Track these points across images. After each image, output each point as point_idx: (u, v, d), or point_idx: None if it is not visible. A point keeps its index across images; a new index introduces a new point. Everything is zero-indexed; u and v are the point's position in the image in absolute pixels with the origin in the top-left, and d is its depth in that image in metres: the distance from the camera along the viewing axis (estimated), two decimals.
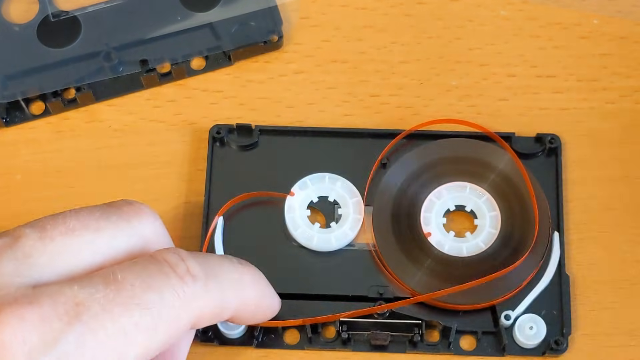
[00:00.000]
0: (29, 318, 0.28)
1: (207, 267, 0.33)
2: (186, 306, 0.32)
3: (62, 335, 0.28)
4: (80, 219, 0.32)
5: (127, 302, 0.30)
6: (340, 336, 0.40)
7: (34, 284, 0.30)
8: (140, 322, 0.30)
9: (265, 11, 0.46)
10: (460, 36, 0.47)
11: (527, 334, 0.39)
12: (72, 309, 0.29)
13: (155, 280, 0.31)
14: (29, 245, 0.30)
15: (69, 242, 0.31)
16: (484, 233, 0.41)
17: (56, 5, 0.46)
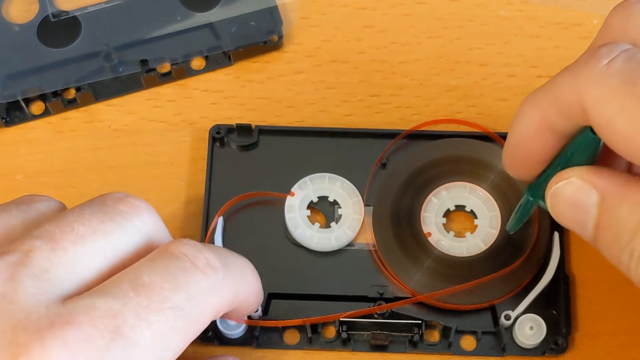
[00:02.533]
0: (72, 340, 0.28)
1: (221, 258, 0.33)
2: (210, 299, 0.31)
3: (107, 353, 0.28)
4: (86, 224, 0.31)
5: (160, 307, 0.30)
6: (340, 336, 0.40)
7: (61, 299, 0.29)
8: (174, 324, 0.30)
9: (265, 11, 0.46)
10: (460, 36, 0.47)
11: (527, 334, 0.39)
12: (111, 323, 0.28)
13: (181, 279, 0.31)
14: (43, 258, 0.30)
15: (80, 250, 0.30)
16: (484, 233, 0.41)
17: (56, 5, 0.46)
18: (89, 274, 0.30)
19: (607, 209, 0.30)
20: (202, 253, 0.32)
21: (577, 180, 0.31)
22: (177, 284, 0.30)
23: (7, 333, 0.27)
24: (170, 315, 0.30)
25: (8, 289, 0.28)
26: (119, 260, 0.31)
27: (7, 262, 0.29)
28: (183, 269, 0.31)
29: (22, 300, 0.28)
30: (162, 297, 0.30)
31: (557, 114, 0.31)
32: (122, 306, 0.29)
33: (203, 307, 0.31)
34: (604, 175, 0.31)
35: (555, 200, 0.32)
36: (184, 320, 0.30)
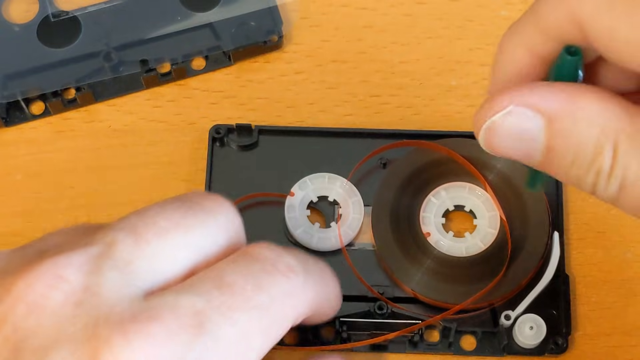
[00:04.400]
0: (156, 334, 0.27)
1: (302, 261, 0.32)
2: (292, 302, 0.31)
3: (191, 348, 0.27)
4: (169, 217, 0.30)
5: (243, 306, 0.29)
6: (340, 336, 0.40)
7: (143, 294, 0.28)
8: (258, 324, 0.29)
9: (265, 11, 0.46)
10: (460, 36, 0.47)
11: (527, 334, 0.39)
12: (194, 320, 0.28)
13: (263, 280, 0.30)
14: (126, 251, 0.29)
15: (163, 244, 0.29)
16: (483, 233, 0.41)
17: (56, 5, 0.46)
18: (171, 269, 0.29)
19: (559, 130, 0.27)
20: (283, 257, 0.31)
21: (516, 107, 0.28)
22: (260, 285, 0.30)
23: (89, 326, 0.27)
24: (254, 315, 0.29)
25: (91, 282, 0.28)
26: (201, 258, 0.30)
27: (89, 254, 0.28)
28: (265, 271, 0.30)
29: (105, 293, 0.28)
30: (245, 297, 0.29)
31: (547, 41, 0.28)
32: (206, 303, 0.28)
33: (285, 309, 0.30)
34: (545, 93, 0.28)
35: (492, 135, 0.29)
36: (267, 320, 0.30)
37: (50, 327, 0.27)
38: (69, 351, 0.26)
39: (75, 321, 0.27)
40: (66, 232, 0.31)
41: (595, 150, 0.27)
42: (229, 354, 0.28)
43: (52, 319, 0.27)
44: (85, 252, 0.28)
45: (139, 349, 0.26)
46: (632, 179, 0.27)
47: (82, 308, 0.27)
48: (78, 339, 0.27)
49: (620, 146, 0.26)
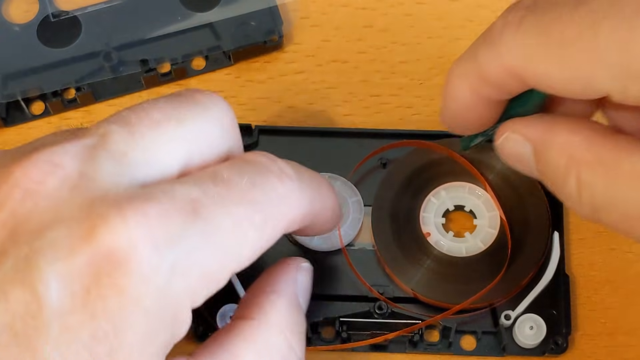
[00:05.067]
0: (151, 214, 0.27)
1: (296, 168, 0.32)
2: (286, 204, 0.31)
3: (186, 231, 0.27)
4: (161, 110, 0.30)
5: (238, 199, 0.29)
6: (340, 336, 0.40)
7: (138, 184, 0.28)
8: (252, 219, 0.29)
9: (265, 11, 0.46)
10: (460, 36, 0.47)
11: (527, 334, 0.39)
12: (190, 205, 0.28)
13: (258, 179, 0.30)
14: (121, 142, 0.29)
15: (156, 136, 0.29)
16: (483, 233, 0.41)
17: (56, 5, 0.46)
18: (166, 163, 0.30)
19: (539, 157, 0.30)
20: (277, 162, 0.31)
21: (511, 134, 0.31)
22: (255, 183, 0.30)
23: (85, 206, 0.27)
24: (249, 209, 0.29)
25: (87, 168, 0.28)
26: (196, 156, 0.30)
27: (84, 144, 0.28)
28: (260, 173, 0.31)
29: (100, 179, 0.28)
30: (240, 191, 0.29)
31: (489, 87, 0.31)
32: (202, 193, 0.28)
33: (280, 208, 0.31)
34: (531, 123, 0.31)
35: (502, 155, 0.32)
36: (261, 216, 0.30)
37: (46, 209, 0.27)
38: (66, 229, 0.26)
39: (72, 203, 0.27)
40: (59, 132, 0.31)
41: (564, 177, 0.29)
42: (223, 243, 0.28)
43: (48, 203, 0.27)
44: (79, 143, 0.28)
45: (134, 225, 0.27)
46: (599, 204, 0.28)
47: (78, 191, 0.27)
48: (74, 218, 0.27)
49: (582, 174, 0.29)
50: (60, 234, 0.26)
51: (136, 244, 0.26)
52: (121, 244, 0.26)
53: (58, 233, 0.26)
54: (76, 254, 0.26)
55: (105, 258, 0.26)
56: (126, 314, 0.26)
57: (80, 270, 0.26)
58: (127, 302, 0.26)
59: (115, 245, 0.26)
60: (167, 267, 0.27)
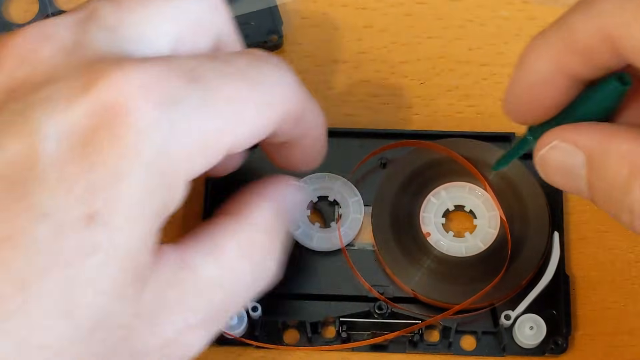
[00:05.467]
0: (152, 72, 0.26)
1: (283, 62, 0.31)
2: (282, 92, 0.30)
3: (185, 93, 0.27)
4: None
5: (238, 75, 0.29)
6: (340, 336, 0.40)
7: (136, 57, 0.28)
8: (250, 95, 0.29)
9: (265, 11, 0.46)
10: (460, 36, 0.47)
11: (527, 334, 0.39)
12: (189, 72, 0.28)
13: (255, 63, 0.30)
14: (111, 16, 0.29)
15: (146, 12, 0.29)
16: (483, 233, 0.41)
17: (56, 5, 0.46)
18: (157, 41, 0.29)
19: (594, 167, 0.28)
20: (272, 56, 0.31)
21: (559, 143, 0.29)
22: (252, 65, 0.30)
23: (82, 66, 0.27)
24: (248, 85, 0.29)
25: (80, 38, 0.28)
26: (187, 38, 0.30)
27: (76, 17, 0.28)
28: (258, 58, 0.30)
29: (95, 46, 0.28)
30: (239, 69, 0.29)
31: (577, 57, 0.28)
32: (199, 64, 0.28)
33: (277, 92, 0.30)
34: (585, 131, 0.29)
35: (544, 167, 0.30)
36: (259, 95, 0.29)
37: (43, 71, 0.27)
38: (63, 84, 0.26)
39: (68, 65, 0.27)
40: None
41: (625, 189, 0.27)
42: (221, 111, 0.28)
43: (45, 67, 0.27)
44: (71, 16, 0.28)
45: (135, 80, 0.26)
46: None
47: (74, 56, 0.27)
48: (72, 75, 0.26)
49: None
50: (58, 88, 0.26)
51: (136, 98, 0.26)
52: (121, 96, 0.26)
53: (56, 87, 0.26)
54: (74, 105, 0.26)
55: (104, 110, 0.26)
56: (125, 164, 0.26)
57: (79, 121, 0.26)
58: (126, 154, 0.26)
59: (115, 97, 0.26)
60: (166, 125, 0.26)
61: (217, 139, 0.28)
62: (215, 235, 0.30)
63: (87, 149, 0.25)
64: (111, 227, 0.26)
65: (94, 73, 0.26)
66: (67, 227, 0.25)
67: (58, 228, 0.25)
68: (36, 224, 0.25)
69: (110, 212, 0.26)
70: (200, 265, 0.29)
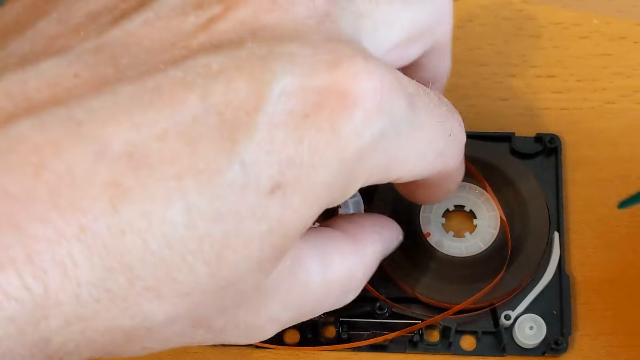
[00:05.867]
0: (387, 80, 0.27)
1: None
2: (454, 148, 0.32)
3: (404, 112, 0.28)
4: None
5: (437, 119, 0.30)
6: (340, 336, 0.40)
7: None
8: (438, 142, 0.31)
9: None
10: (460, 36, 0.47)
11: (527, 334, 0.39)
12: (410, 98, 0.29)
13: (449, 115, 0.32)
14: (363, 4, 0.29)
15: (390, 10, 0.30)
16: (483, 233, 0.41)
17: None
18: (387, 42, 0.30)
19: None
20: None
21: None
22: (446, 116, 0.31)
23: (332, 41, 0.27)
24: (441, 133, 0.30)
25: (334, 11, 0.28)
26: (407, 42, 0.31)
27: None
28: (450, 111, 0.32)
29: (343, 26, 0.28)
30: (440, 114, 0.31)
31: None
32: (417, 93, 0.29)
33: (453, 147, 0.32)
34: None
35: None
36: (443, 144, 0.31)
37: (292, 29, 0.27)
38: (311, 50, 0.26)
39: (318, 32, 0.27)
40: None
41: None
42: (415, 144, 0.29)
43: (295, 25, 0.27)
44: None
45: (375, 81, 0.27)
46: None
47: (324, 26, 0.27)
48: (321, 45, 0.26)
49: None
50: (305, 52, 0.26)
51: (368, 98, 0.26)
52: (357, 90, 0.26)
53: (302, 50, 0.26)
54: (315, 76, 0.26)
55: (337, 93, 0.26)
56: (328, 152, 0.26)
57: (310, 93, 0.26)
58: (334, 143, 0.26)
59: (351, 87, 0.26)
60: (378, 133, 0.27)
61: (402, 167, 0.30)
62: (329, 250, 0.31)
63: (304, 121, 0.26)
64: (288, 205, 0.26)
65: (341, 55, 0.26)
66: (253, 186, 0.25)
67: (248, 183, 0.25)
68: (231, 171, 0.25)
69: (294, 190, 0.26)
70: (312, 271, 0.30)
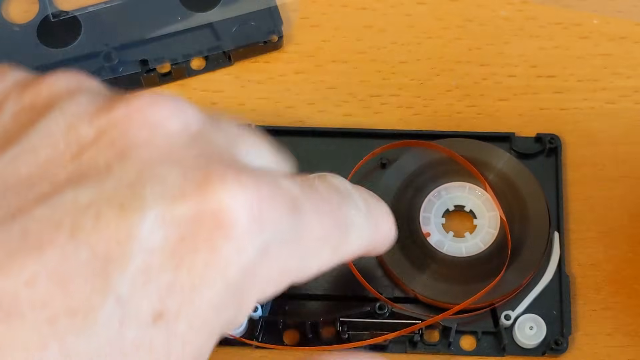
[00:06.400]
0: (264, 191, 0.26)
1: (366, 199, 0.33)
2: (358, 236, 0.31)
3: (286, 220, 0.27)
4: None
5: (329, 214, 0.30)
6: (340, 336, 0.40)
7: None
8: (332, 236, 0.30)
9: (265, 11, 0.46)
10: (460, 36, 0.47)
11: (527, 334, 0.39)
12: (292, 200, 0.28)
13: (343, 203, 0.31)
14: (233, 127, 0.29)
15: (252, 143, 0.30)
16: (483, 233, 0.41)
17: (56, 5, 0.46)
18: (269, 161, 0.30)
19: None
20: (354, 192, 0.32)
21: None
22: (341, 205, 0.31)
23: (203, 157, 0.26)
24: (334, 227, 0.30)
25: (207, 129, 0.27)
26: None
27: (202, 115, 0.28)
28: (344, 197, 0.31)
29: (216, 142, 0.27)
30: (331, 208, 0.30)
31: None
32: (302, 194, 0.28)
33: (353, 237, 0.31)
34: None
35: None
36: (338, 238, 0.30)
37: (161, 147, 0.26)
38: (180, 171, 0.26)
39: (188, 150, 0.26)
40: None
41: None
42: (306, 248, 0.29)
43: (166, 140, 0.26)
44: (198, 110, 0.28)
45: (248, 195, 0.26)
46: None
47: (196, 143, 0.27)
48: (190, 164, 0.26)
49: None
50: (173, 174, 0.25)
51: (244, 213, 0.26)
52: (231, 207, 0.26)
53: (171, 172, 0.26)
54: (187, 197, 0.25)
55: (211, 213, 0.25)
56: (210, 274, 0.25)
57: (183, 216, 0.25)
58: (215, 265, 0.25)
59: (226, 205, 0.25)
60: (260, 250, 0.26)
61: (295, 273, 0.29)
62: None
63: (181, 245, 0.25)
64: (173, 333, 0.25)
65: (213, 172, 0.26)
66: (133, 319, 0.25)
67: (126, 316, 0.25)
68: (106, 306, 0.24)
69: (177, 317, 0.25)
70: None
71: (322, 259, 0.30)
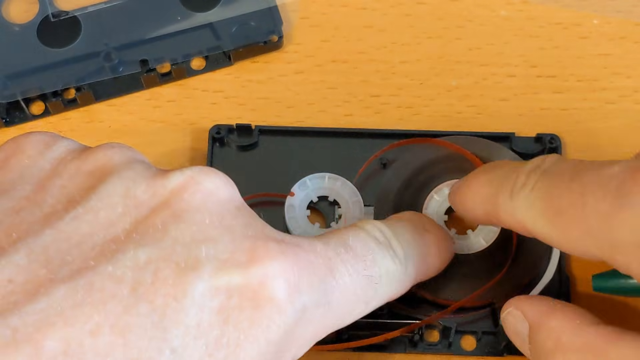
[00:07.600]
0: (301, 259, 0.30)
1: (407, 246, 0.35)
2: (392, 287, 0.34)
3: (322, 284, 0.30)
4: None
5: (362, 271, 0.32)
6: (340, 336, 0.40)
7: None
8: (366, 293, 0.32)
9: (265, 11, 0.46)
10: (460, 36, 0.47)
11: None
12: (327, 267, 0.31)
13: (378, 257, 0.33)
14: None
15: None
16: (485, 231, 0.41)
17: (56, 5, 0.46)
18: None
19: (532, 337, 0.33)
20: (391, 241, 0.34)
21: (513, 310, 0.35)
22: (376, 260, 0.33)
23: (247, 234, 0.29)
24: (367, 284, 0.32)
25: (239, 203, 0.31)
26: None
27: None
28: (380, 250, 0.34)
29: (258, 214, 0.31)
30: (364, 265, 0.32)
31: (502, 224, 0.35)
32: (335, 255, 0.32)
33: (386, 289, 0.34)
34: (533, 304, 0.34)
35: (505, 327, 0.35)
36: (372, 293, 0.33)
37: (214, 211, 0.29)
38: (230, 237, 0.29)
39: (237, 218, 0.30)
40: None
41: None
42: (339, 307, 0.31)
43: (218, 206, 0.30)
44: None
45: (290, 263, 0.29)
46: None
47: (242, 213, 0.30)
48: (239, 231, 0.29)
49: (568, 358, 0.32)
50: (225, 239, 0.28)
51: (285, 279, 0.29)
52: (275, 275, 0.29)
53: (223, 237, 0.29)
54: (235, 264, 0.28)
55: (257, 279, 0.28)
56: (252, 332, 0.28)
57: (233, 279, 0.28)
58: (258, 323, 0.28)
59: (270, 273, 0.29)
60: (299, 310, 0.29)
61: (325, 331, 0.32)
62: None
63: (229, 302, 0.28)
64: None
65: (258, 243, 0.29)
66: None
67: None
68: (163, 357, 0.27)
69: None
70: None
71: (354, 314, 0.33)
